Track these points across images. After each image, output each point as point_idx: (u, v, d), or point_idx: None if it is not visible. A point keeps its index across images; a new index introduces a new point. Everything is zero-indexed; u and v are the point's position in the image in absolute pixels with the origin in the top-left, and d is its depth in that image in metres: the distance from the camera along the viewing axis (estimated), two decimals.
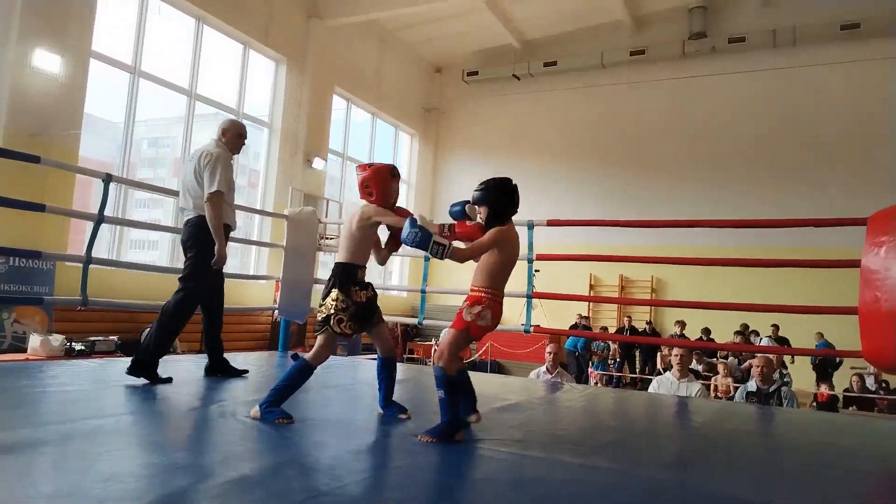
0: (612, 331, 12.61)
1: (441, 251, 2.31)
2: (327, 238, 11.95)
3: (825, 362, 10.42)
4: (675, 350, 5.05)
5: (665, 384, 4.86)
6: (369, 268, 2.74)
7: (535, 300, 4.88)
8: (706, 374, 8.68)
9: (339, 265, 2.65)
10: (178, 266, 3.70)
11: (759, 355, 5.44)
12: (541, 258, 4.60)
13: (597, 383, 10.00)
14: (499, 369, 12.23)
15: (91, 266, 3.91)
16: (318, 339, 2.61)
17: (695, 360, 8.85)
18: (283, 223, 5.82)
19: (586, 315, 13.06)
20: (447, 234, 2.56)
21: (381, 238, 2.81)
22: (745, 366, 9.03)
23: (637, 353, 12.04)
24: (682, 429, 3.47)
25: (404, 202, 15.27)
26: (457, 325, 2.46)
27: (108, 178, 4.04)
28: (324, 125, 12.62)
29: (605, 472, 2.20)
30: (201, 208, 3.50)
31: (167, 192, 10.41)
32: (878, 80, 12.21)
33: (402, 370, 4.02)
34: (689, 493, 2.02)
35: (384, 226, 2.71)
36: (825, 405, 8.20)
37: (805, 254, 5.89)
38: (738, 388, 5.69)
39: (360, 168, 2.70)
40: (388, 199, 2.69)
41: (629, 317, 12.51)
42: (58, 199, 6.89)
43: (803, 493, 2.07)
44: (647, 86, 14.16)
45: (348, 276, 2.61)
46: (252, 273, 10.90)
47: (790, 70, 12.85)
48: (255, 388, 3.55)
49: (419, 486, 1.91)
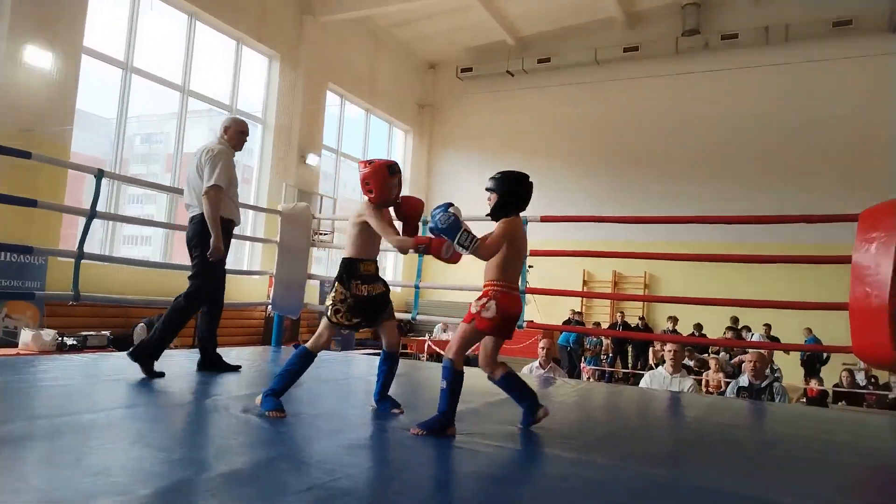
0: (604, 326, 12.66)
1: (470, 241, 2.36)
2: (321, 234, 11.96)
3: (813, 358, 10.50)
4: (669, 346, 5.07)
5: (658, 379, 4.89)
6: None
7: (528, 296, 4.90)
8: (697, 369, 8.72)
9: (343, 260, 2.78)
10: (171, 262, 3.71)
11: (751, 351, 5.47)
12: (534, 254, 4.58)
13: (589, 378, 10.03)
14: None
15: (83, 261, 3.91)
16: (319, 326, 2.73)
17: (686, 357, 8.89)
18: (276, 219, 5.82)
19: (579, 311, 13.11)
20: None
21: (398, 228, 2.87)
22: (735, 361, 9.09)
23: (629, 349, 12.09)
24: (675, 423, 3.49)
25: None
26: (465, 319, 2.51)
27: (99, 174, 4.04)
28: (317, 121, 12.59)
29: (597, 467, 2.21)
30: None
31: (160, 187, 10.45)
32: (870, 76, 12.29)
33: None
34: (681, 487, 2.04)
35: (400, 217, 2.81)
36: (815, 400, 8.26)
37: (797, 250, 5.94)
38: (729, 383, 5.73)
39: (362, 165, 2.75)
40: (386, 196, 2.73)
41: (622, 312, 12.55)
42: (50, 195, 6.87)
43: (793, 486, 2.09)
44: (641, 82, 14.20)
45: (349, 270, 2.71)
46: (245, 269, 10.88)
47: (783, 66, 12.91)
48: (247, 383, 3.56)
49: (410, 481, 1.92)
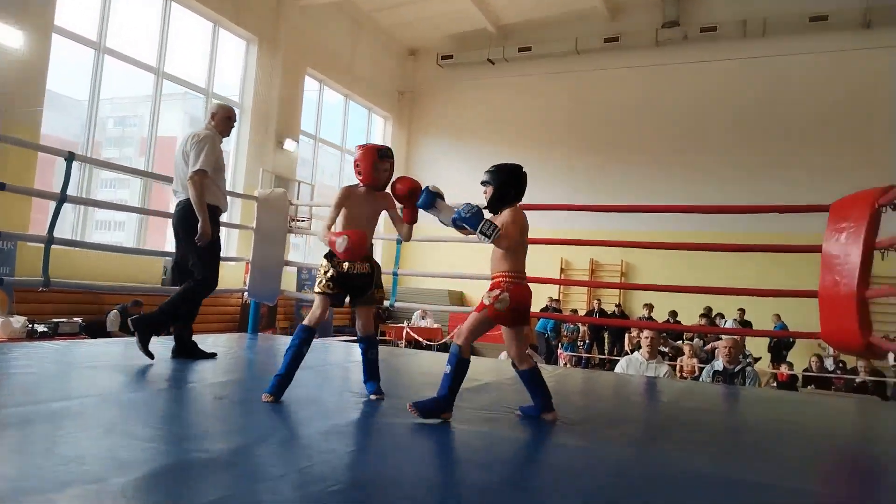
0: (581, 313, 12.79)
1: (492, 230, 2.40)
2: (298, 220, 11.85)
3: (780, 344, 10.75)
4: (646, 332, 5.14)
5: (634, 364, 4.95)
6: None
7: None
8: (672, 355, 8.87)
9: None
10: (145, 248, 3.68)
11: (725, 336, 5.58)
12: None
13: (566, 364, 10.14)
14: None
15: (54, 246, 3.83)
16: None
17: (661, 343, 9.03)
18: (253, 205, 5.75)
19: (556, 298, 13.21)
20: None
21: (398, 214, 2.88)
22: (708, 347, 9.26)
23: (606, 335, 12.23)
24: (650, 407, 3.55)
25: None
26: (478, 308, 2.54)
27: (70, 157, 3.95)
28: (295, 106, 12.44)
29: (571, 450, 2.24)
30: None
31: (133, 171, 10.24)
32: (845, 70, 12.51)
33: None
34: (652, 469, 2.08)
35: (400, 200, 2.81)
36: (785, 384, 8.46)
37: (771, 239, 6.03)
38: (703, 368, 5.83)
39: (357, 148, 2.84)
40: (374, 179, 2.78)
41: (598, 300, 12.69)
42: (19, 178, 6.69)
43: (760, 468, 2.14)
44: (621, 73, 14.26)
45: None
46: (221, 255, 10.73)
47: (760, 60, 13.07)
48: (223, 370, 3.53)
49: (387, 466, 1.92)
